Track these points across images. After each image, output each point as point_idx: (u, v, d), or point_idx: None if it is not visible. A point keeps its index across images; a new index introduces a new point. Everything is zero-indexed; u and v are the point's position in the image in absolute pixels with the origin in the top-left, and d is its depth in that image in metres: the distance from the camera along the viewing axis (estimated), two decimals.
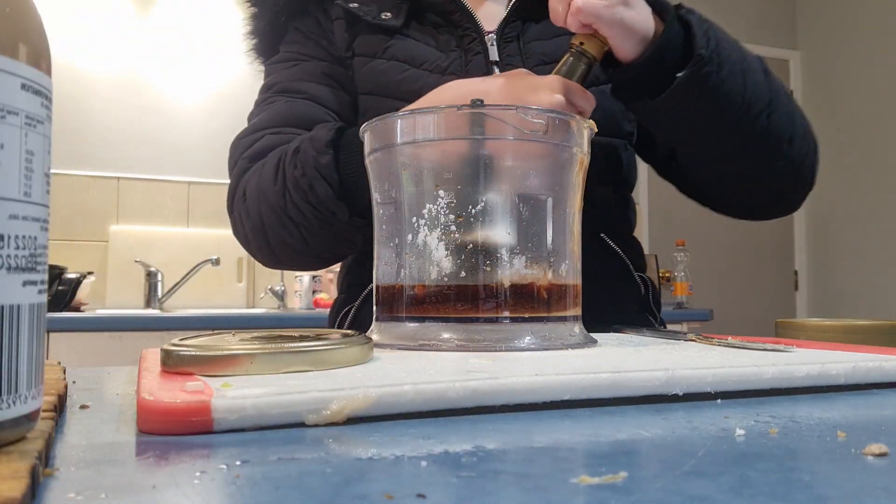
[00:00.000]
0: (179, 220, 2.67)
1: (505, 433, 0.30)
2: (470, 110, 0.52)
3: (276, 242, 0.77)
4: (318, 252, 0.78)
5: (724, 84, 0.69)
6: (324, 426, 0.30)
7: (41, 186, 0.25)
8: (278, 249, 0.78)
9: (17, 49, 0.24)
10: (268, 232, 0.77)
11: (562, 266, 0.54)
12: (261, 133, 0.81)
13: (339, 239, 0.75)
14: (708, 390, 0.37)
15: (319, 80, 0.84)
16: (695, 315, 2.50)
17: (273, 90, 0.85)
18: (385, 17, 0.84)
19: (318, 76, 0.84)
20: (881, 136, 3.31)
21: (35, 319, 0.24)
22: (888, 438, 0.28)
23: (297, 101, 0.83)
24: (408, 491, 0.21)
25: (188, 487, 0.22)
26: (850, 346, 0.53)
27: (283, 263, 0.82)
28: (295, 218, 0.73)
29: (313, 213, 0.72)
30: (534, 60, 0.82)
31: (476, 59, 0.81)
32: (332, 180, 0.70)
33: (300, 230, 0.74)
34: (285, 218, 0.74)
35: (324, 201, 0.71)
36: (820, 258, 3.62)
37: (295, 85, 0.84)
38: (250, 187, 0.78)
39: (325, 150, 0.70)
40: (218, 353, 0.37)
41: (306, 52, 0.86)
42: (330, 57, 0.86)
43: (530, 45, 0.83)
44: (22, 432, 0.24)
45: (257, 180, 0.77)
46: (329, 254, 0.79)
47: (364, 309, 0.83)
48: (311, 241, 0.75)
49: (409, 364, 0.41)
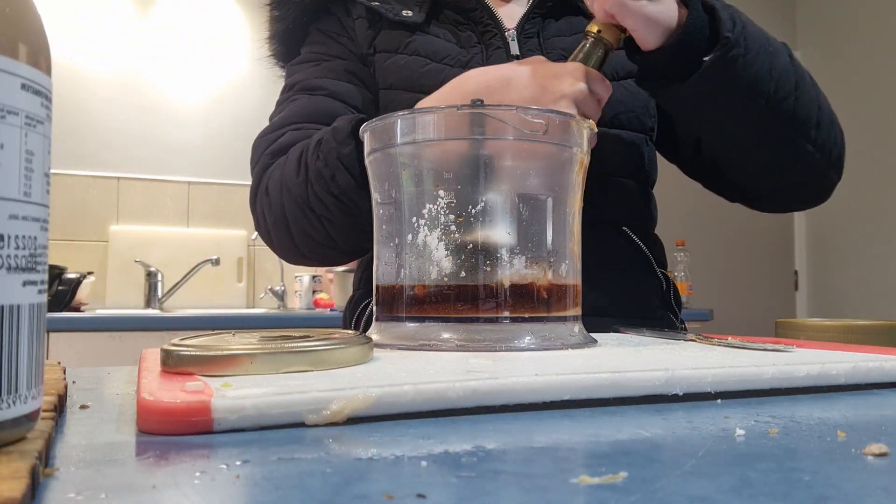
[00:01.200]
0: (179, 220, 2.67)
1: (505, 433, 0.30)
2: (470, 110, 0.52)
3: (299, 235, 0.77)
4: (341, 244, 0.78)
5: (752, 67, 0.69)
6: (324, 426, 0.30)
7: (41, 186, 0.25)
8: (301, 242, 0.78)
9: (17, 49, 0.24)
10: (291, 225, 0.77)
11: (562, 266, 0.54)
12: (283, 130, 0.82)
13: (361, 230, 0.74)
14: (708, 390, 0.37)
15: (341, 77, 0.85)
16: (695, 315, 2.50)
17: (295, 89, 0.86)
18: (406, 14, 0.85)
19: (340, 73, 0.85)
20: (881, 136, 3.31)
21: (35, 319, 0.24)
22: (888, 438, 0.28)
23: (318, 97, 0.83)
24: (408, 491, 0.21)
25: (188, 487, 0.22)
26: (850, 346, 0.53)
27: (305, 258, 0.82)
28: (317, 209, 0.74)
29: (335, 204, 0.72)
30: (554, 56, 0.82)
31: (497, 54, 0.82)
32: (353, 170, 0.70)
33: (322, 222, 0.75)
34: (308, 210, 0.74)
35: (346, 192, 0.71)
36: (820, 258, 3.62)
37: (316, 82, 0.85)
38: (273, 181, 0.78)
39: (347, 141, 0.71)
40: (218, 353, 0.37)
41: (328, 51, 0.88)
42: (351, 55, 0.87)
43: (551, 41, 0.84)
44: (22, 432, 0.24)
45: (280, 174, 0.77)
46: (351, 246, 0.79)
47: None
48: (334, 232, 0.75)
49: (409, 364, 0.41)
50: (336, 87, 0.84)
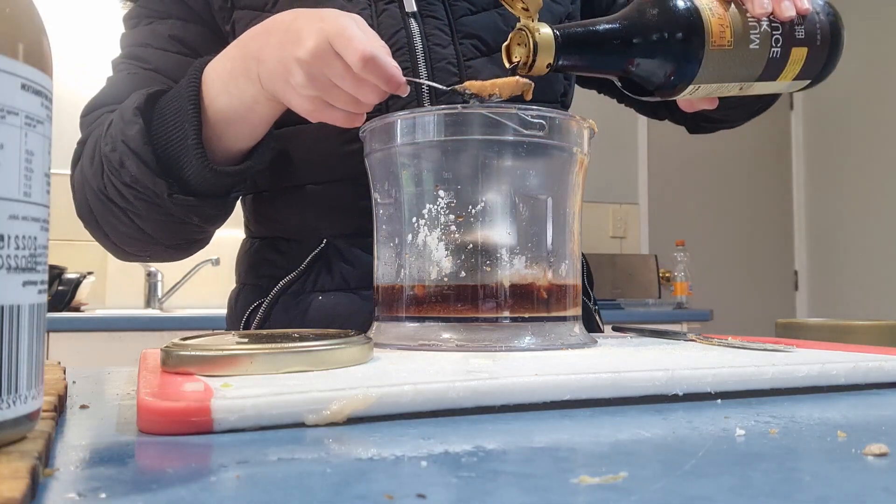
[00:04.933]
0: None
1: (505, 433, 0.30)
2: (470, 110, 0.52)
3: (110, 231, 0.68)
4: (160, 239, 0.68)
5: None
6: (324, 426, 0.30)
7: (41, 186, 0.25)
8: (117, 239, 0.69)
9: (17, 49, 0.24)
10: (99, 220, 0.68)
11: (562, 266, 0.54)
12: (98, 112, 0.71)
13: (177, 221, 0.65)
14: (708, 390, 0.37)
15: (167, 47, 0.73)
16: (695, 315, 2.50)
17: (122, 55, 0.75)
18: None
19: (166, 41, 0.73)
20: (881, 136, 3.31)
21: (35, 319, 0.24)
22: (888, 438, 0.28)
23: (140, 72, 0.72)
24: (408, 491, 0.21)
25: (188, 487, 0.22)
26: (850, 346, 0.53)
27: (130, 255, 0.72)
28: (117, 201, 0.64)
29: (132, 194, 0.62)
30: (460, 10, 0.71)
31: (389, 10, 0.69)
32: (143, 154, 0.60)
33: (127, 215, 0.65)
34: (108, 202, 0.65)
35: (138, 179, 0.61)
36: (820, 258, 3.62)
37: (140, 51, 0.73)
38: (77, 173, 0.70)
39: (133, 121, 0.61)
40: (218, 353, 0.37)
41: (160, 7, 0.74)
42: (186, 14, 0.73)
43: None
44: (22, 432, 0.24)
45: (81, 165, 0.69)
46: (174, 241, 0.69)
47: (278, 306, 0.73)
48: (144, 225, 0.65)
49: (409, 364, 0.41)
50: (159, 61, 0.72)
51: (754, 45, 0.58)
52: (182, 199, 0.62)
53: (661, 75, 0.57)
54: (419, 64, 0.69)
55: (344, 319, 0.69)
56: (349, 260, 0.71)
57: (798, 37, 0.59)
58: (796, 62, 0.60)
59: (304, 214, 0.73)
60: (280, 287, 0.72)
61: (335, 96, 0.56)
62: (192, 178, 0.62)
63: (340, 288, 0.71)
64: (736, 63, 0.58)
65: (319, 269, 0.71)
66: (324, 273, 0.71)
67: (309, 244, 0.72)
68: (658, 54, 0.56)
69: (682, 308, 2.65)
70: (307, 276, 0.72)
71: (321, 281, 0.71)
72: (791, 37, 0.59)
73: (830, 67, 0.63)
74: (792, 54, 0.60)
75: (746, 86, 0.61)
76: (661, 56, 0.56)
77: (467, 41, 0.70)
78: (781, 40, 0.59)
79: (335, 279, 0.71)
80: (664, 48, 0.55)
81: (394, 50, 0.67)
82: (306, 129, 0.69)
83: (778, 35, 0.58)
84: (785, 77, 0.61)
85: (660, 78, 0.57)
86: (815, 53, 0.61)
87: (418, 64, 0.69)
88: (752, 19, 0.57)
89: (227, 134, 0.63)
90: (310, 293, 0.71)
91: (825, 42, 0.61)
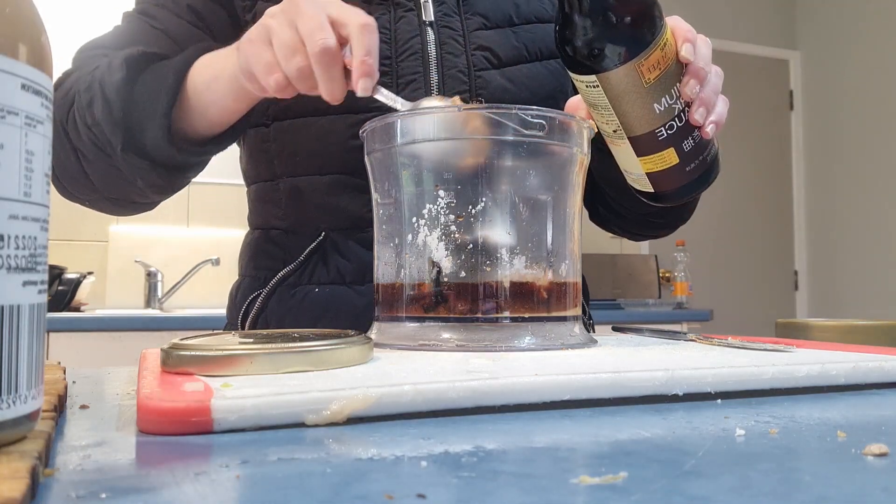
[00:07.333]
0: (179, 220, 2.67)
1: (505, 433, 0.30)
2: (470, 110, 0.52)
3: (57, 165, 0.69)
4: (100, 187, 0.69)
5: None
6: (324, 426, 0.30)
7: (41, 186, 0.25)
8: (61, 175, 0.70)
9: (17, 49, 0.24)
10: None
11: (562, 266, 0.54)
12: (94, 52, 0.73)
13: (119, 177, 0.66)
14: (708, 390, 0.37)
15: (183, 14, 0.74)
16: (695, 315, 2.50)
17: (136, 9, 0.76)
18: None
19: (184, 9, 0.74)
20: (881, 136, 3.31)
21: (35, 319, 0.24)
22: (888, 438, 0.28)
23: (148, 29, 0.73)
24: (408, 491, 0.21)
25: (188, 487, 0.22)
26: (850, 346, 0.53)
27: (71, 195, 0.73)
28: (72, 137, 0.66)
29: (89, 136, 0.64)
30: (475, 24, 0.73)
31: (407, 17, 0.72)
32: (113, 103, 0.62)
33: (77, 155, 0.66)
34: (63, 135, 0.66)
35: (98, 123, 0.63)
36: (820, 258, 3.62)
37: (155, 10, 0.74)
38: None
39: (118, 69, 0.62)
40: (218, 353, 0.37)
41: None
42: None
43: (470, 3, 0.74)
44: (22, 432, 0.24)
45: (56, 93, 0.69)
46: (114, 194, 0.70)
47: (275, 298, 0.74)
48: (90, 170, 0.67)
49: (409, 364, 0.41)
50: (171, 25, 0.73)
51: (658, 107, 0.55)
52: (133, 157, 0.63)
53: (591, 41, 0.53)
54: (430, 70, 0.71)
55: (336, 313, 0.70)
56: (345, 254, 0.72)
57: (684, 146, 0.58)
58: (661, 161, 0.58)
59: (306, 206, 0.74)
60: (278, 279, 0.74)
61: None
62: (149, 144, 0.63)
63: (335, 281, 0.72)
64: (636, 102, 0.55)
65: (316, 261, 0.73)
66: (320, 266, 0.73)
67: (308, 236, 0.73)
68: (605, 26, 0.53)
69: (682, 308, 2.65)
70: (304, 268, 0.73)
71: (317, 273, 0.72)
72: (680, 138, 0.57)
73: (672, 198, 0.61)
74: (666, 151, 0.57)
75: (618, 135, 0.58)
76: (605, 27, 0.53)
77: (479, 53, 0.73)
78: (673, 130, 0.57)
79: (331, 273, 0.72)
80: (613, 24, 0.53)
81: (407, 55, 0.70)
82: (315, 123, 0.71)
83: (676, 125, 0.56)
84: (645, 163, 0.59)
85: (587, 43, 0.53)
86: (677, 172, 0.59)
87: (430, 70, 0.71)
88: (676, 90, 0.56)
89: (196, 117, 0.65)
90: (305, 285, 0.73)
91: (691, 174, 0.59)
